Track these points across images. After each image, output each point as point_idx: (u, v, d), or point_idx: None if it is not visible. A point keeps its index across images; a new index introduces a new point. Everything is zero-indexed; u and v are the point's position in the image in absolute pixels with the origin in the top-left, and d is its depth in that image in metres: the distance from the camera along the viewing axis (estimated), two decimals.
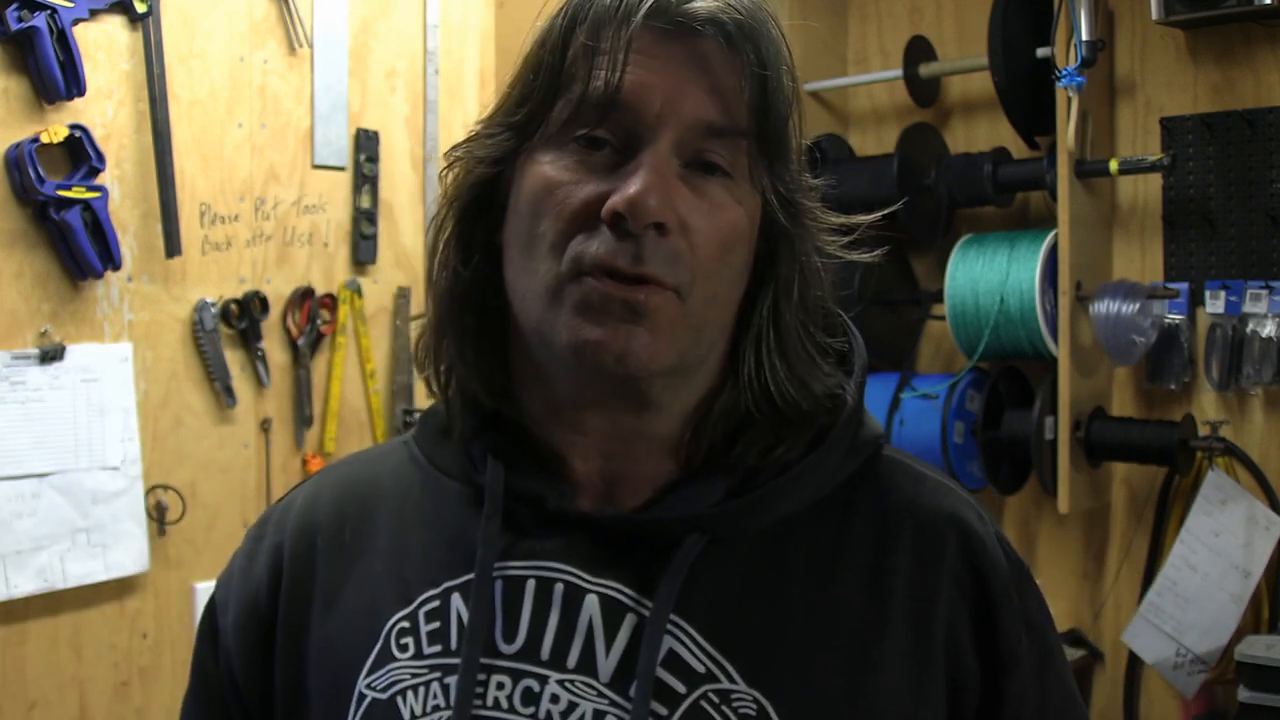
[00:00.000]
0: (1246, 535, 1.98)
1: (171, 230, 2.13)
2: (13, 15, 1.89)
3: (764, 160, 0.78)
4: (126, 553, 2.07)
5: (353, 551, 0.86)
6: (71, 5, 1.97)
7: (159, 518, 2.14)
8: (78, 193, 1.97)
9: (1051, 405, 2.10)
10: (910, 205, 2.24)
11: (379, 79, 2.53)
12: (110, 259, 2.02)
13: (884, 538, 0.81)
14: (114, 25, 2.07)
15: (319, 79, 2.41)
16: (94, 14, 2.02)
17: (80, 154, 1.99)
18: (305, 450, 2.39)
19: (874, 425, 0.85)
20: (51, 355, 1.98)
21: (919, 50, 2.34)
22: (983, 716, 0.81)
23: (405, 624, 0.81)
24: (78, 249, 1.98)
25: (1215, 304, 2.06)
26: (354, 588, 0.84)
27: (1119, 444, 2.09)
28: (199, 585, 2.19)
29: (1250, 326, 2.03)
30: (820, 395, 0.82)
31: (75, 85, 1.97)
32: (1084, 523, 2.26)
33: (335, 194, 2.45)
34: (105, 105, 2.06)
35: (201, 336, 2.21)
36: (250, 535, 0.92)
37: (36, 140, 1.93)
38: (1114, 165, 2.04)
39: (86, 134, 1.99)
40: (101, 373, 2.05)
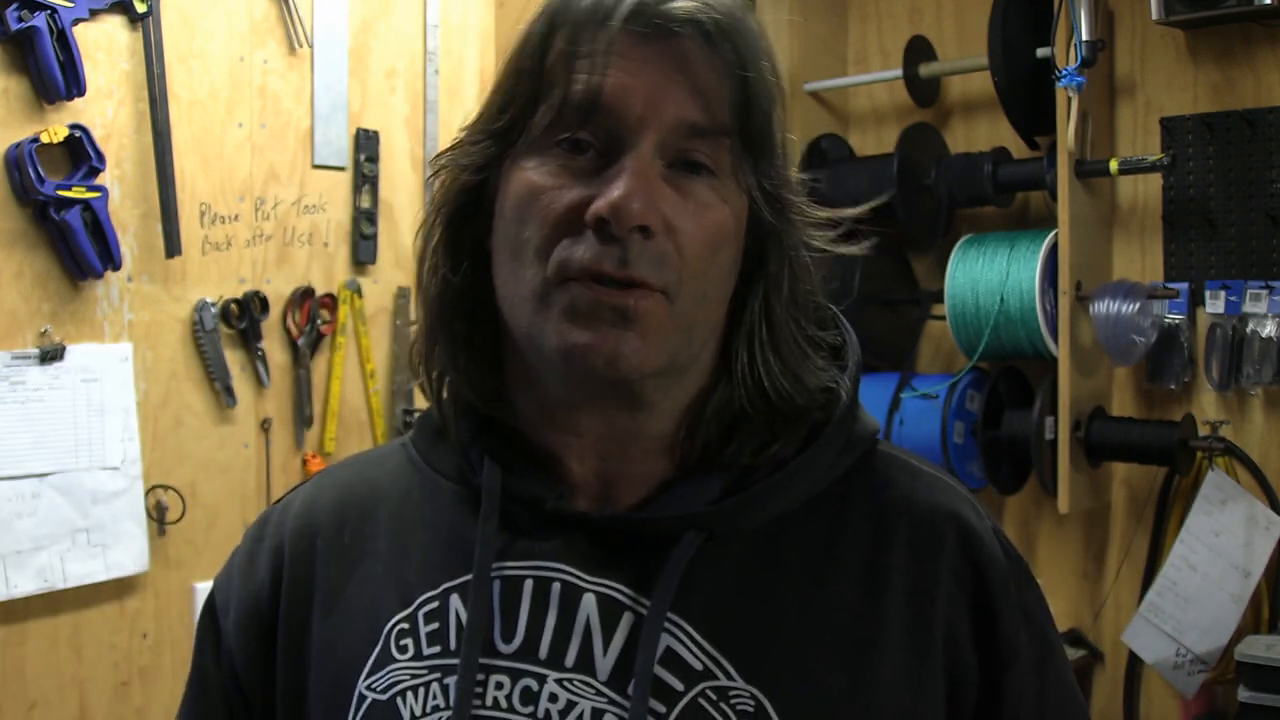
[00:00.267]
0: (1246, 535, 1.98)
1: (171, 230, 2.13)
2: (13, 15, 1.90)
3: (748, 157, 0.78)
4: (126, 553, 2.07)
5: (352, 553, 0.86)
6: (71, 5, 1.97)
7: (159, 518, 2.14)
8: (78, 193, 1.97)
9: (1051, 405, 2.10)
10: (910, 205, 2.25)
11: (379, 79, 2.53)
12: (110, 259, 2.02)
13: (881, 533, 0.81)
14: (114, 25, 2.07)
15: (319, 79, 2.41)
16: (94, 14, 2.03)
17: (80, 154, 1.99)
18: (305, 450, 2.39)
19: (869, 421, 0.85)
20: (51, 355, 1.98)
21: (919, 50, 2.34)
22: (982, 711, 0.80)
23: (404, 625, 0.81)
24: (78, 249, 1.98)
25: (1215, 304, 2.06)
26: (354, 589, 0.84)
27: (1119, 444, 2.09)
28: (199, 585, 2.19)
29: (1250, 326, 2.02)
30: (814, 389, 0.81)
31: (75, 85, 1.97)
32: (1084, 523, 2.26)
33: (335, 194, 2.45)
34: (105, 105, 2.06)
35: (201, 336, 2.21)
36: (249, 536, 0.92)
37: (36, 140, 1.93)
38: (1114, 165, 2.03)
39: (86, 134, 1.99)
40: (101, 373, 2.05)
